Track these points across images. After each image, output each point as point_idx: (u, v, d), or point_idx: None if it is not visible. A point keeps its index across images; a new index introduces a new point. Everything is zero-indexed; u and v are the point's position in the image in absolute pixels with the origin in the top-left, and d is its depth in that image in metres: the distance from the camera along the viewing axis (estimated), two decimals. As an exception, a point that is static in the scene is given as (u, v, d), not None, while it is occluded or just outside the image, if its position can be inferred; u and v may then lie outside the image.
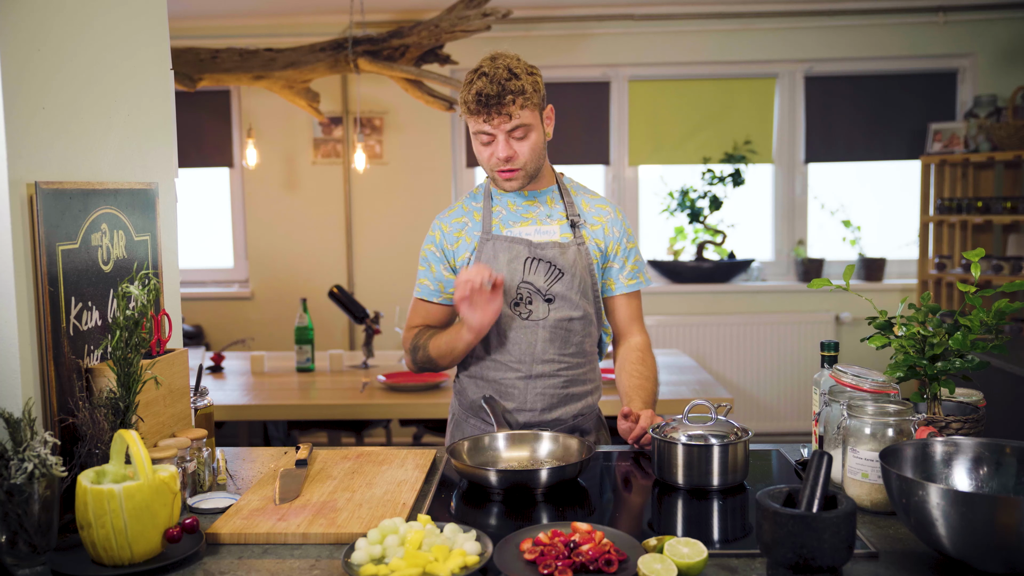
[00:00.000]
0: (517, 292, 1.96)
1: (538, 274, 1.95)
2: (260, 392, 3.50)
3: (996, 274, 4.56)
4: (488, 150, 1.92)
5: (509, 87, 1.84)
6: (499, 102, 1.84)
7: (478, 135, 1.91)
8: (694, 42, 5.09)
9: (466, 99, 1.88)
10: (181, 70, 4.22)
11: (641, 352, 2.06)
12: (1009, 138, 4.57)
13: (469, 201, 2.07)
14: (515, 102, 1.85)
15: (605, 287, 2.06)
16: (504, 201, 2.02)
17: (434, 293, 2.06)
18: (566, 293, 1.96)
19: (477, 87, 1.85)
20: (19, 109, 1.41)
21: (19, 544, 1.28)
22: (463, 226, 2.03)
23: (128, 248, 1.69)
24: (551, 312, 1.96)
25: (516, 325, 1.96)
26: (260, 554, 1.35)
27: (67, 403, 1.47)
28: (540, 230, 1.99)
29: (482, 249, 1.97)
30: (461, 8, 3.96)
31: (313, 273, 5.24)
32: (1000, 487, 1.35)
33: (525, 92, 1.86)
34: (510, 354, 1.97)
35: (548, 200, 2.02)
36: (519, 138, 1.90)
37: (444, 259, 2.03)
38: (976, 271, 1.62)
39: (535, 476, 1.59)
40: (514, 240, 1.96)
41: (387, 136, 5.19)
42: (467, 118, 1.92)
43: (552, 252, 1.95)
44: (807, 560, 1.16)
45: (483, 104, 1.85)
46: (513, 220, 2.00)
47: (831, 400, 1.62)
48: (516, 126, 1.88)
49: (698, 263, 5.17)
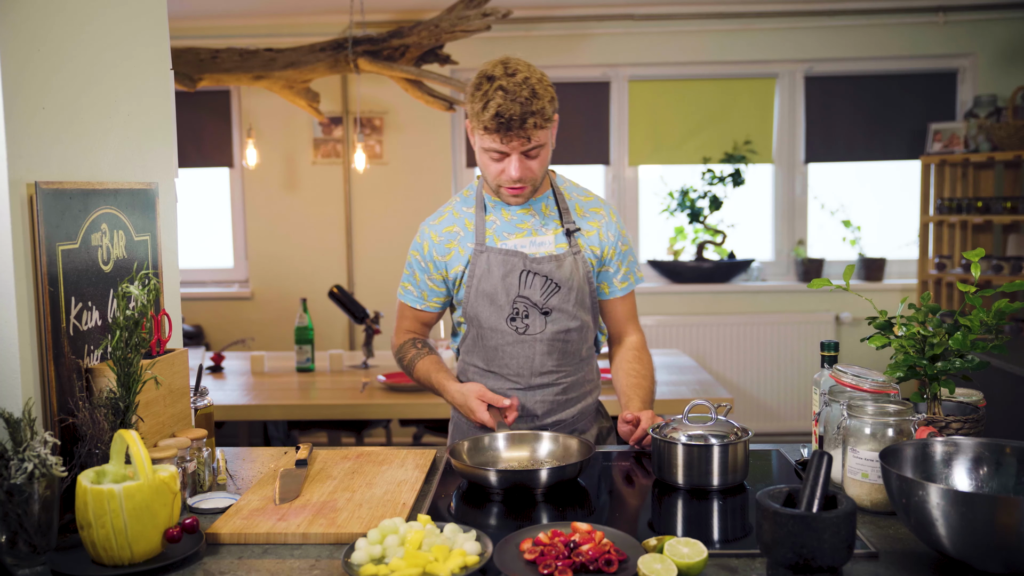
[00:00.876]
0: (513, 307, 1.92)
1: (534, 288, 1.91)
2: (260, 392, 3.50)
3: (996, 274, 4.56)
4: (498, 167, 1.85)
5: (531, 109, 1.75)
6: (520, 125, 1.76)
7: (488, 151, 1.83)
8: (694, 42, 5.09)
9: (480, 116, 1.77)
10: (181, 70, 4.22)
11: (637, 351, 2.05)
12: (1009, 138, 4.57)
13: (460, 206, 2.01)
14: (536, 125, 1.77)
15: (600, 291, 2.03)
16: (498, 210, 1.97)
17: (417, 300, 2.04)
18: (563, 306, 1.93)
19: (496, 106, 1.74)
20: (19, 109, 1.41)
21: (19, 544, 1.28)
22: (455, 236, 1.97)
23: (128, 248, 1.69)
24: (548, 325, 1.93)
25: (512, 340, 1.94)
26: (260, 554, 1.35)
27: (67, 403, 1.47)
28: (535, 241, 1.94)
29: (476, 262, 1.93)
30: (461, 8, 3.96)
31: (313, 273, 5.24)
32: (1000, 487, 1.35)
33: (546, 114, 1.78)
34: (508, 368, 1.95)
35: (543, 208, 1.97)
36: (533, 157, 1.84)
37: (427, 270, 1.99)
38: (976, 271, 1.62)
39: (535, 476, 1.59)
40: (509, 253, 1.92)
41: (387, 136, 5.19)
42: (478, 134, 1.82)
43: (548, 266, 1.91)
44: (807, 560, 1.16)
45: (503, 126, 1.76)
46: (508, 231, 1.95)
47: (831, 400, 1.62)
48: (532, 147, 1.81)
49: (698, 263, 5.17)
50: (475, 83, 1.81)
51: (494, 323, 1.93)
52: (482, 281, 1.93)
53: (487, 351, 1.97)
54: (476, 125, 1.81)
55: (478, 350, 1.99)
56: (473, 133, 1.86)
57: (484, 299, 1.93)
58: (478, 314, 1.94)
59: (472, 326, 1.98)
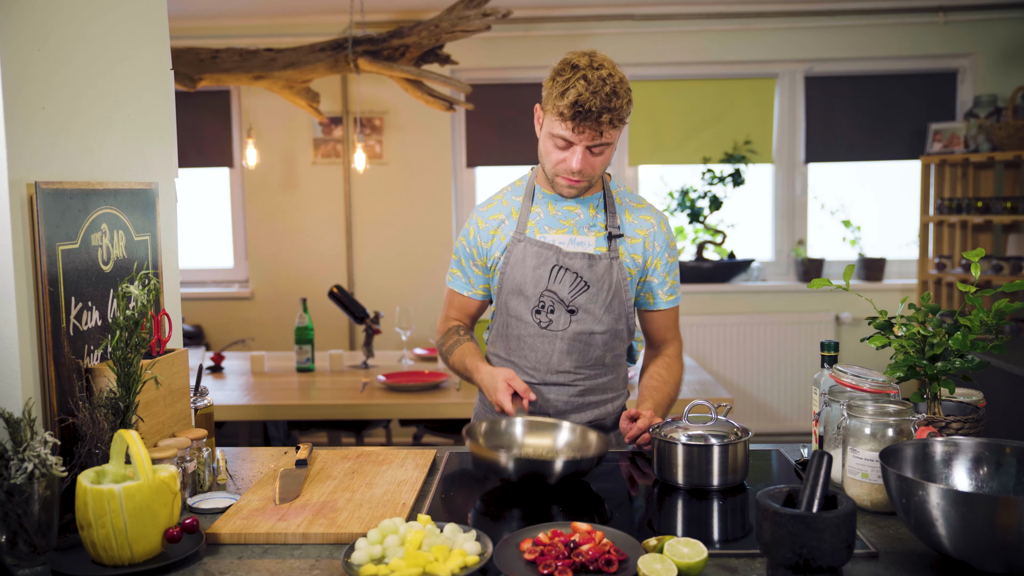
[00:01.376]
0: (540, 300, 1.92)
1: (563, 284, 1.91)
2: (260, 392, 3.50)
3: (996, 274, 4.56)
4: (560, 155, 1.83)
5: (610, 105, 1.74)
6: (597, 119, 1.75)
7: (555, 137, 1.82)
8: (694, 42, 5.09)
9: (557, 102, 1.77)
10: (181, 70, 4.22)
11: (669, 358, 2.04)
12: (1009, 138, 4.57)
13: (510, 195, 2.02)
14: (611, 122, 1.77)
15: (644, 300, 2.01)
16: (545, 203, 1.96)
17: (464, 286, 2.05)
18: (589, 306, 1.91)
19: (577, 94, 1.74)
20: (19, 109, 1.41)
21: (19, 544, 1.28)
22: (500, 224, 1.98)
23: (128, 248, 1.69)
24: (572, 324, 1.92)
25: (534, 332, 1.93)
26: (260, 554, 1.35)
27: (67, 403, 1.47)
28: (575, 239, 1.93)
29: (512, 250, 1.94)
30: (461, 8, 3.96)
31: (313, 273, 5.24)
32: (1000, 487, 1.35)
33: (622, 114, 1.78)
34: (526, 360, 1.95)
35: (591, 208, 1.96)
36: (597, 154, 1.83)
37: (472, 256, 2.01)
38: (976, 271, 1.62)
39: (549, 466, 1.56)
40: (544, 246, 1.91)
41: (387, 136, 5.19)
42: (551, 117, 1.81)
43: (580, 263, 1.90)
44: (807, 560, 1.16)
45: (579, 116, 1.75)
46: (549, 225, 1.94)
47: (831, 400, 1.62)
48: (601, 144, 1.81)
49: (698, 263, 5.17)
50: (557, 68, 1.81)
51: (520, 313, 1.94)
52: (515, 269, 1.93)
53: (510, 340, 1.97)
54: (550, 109, 1.80)
55: (502, 339, 1.99)
56: (543, 117, 1.86)
57: (513, 288, 1.94)
58: (507, 302, 1.96)
59: (500, 314, 1.99)
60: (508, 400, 1.81)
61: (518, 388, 1.82)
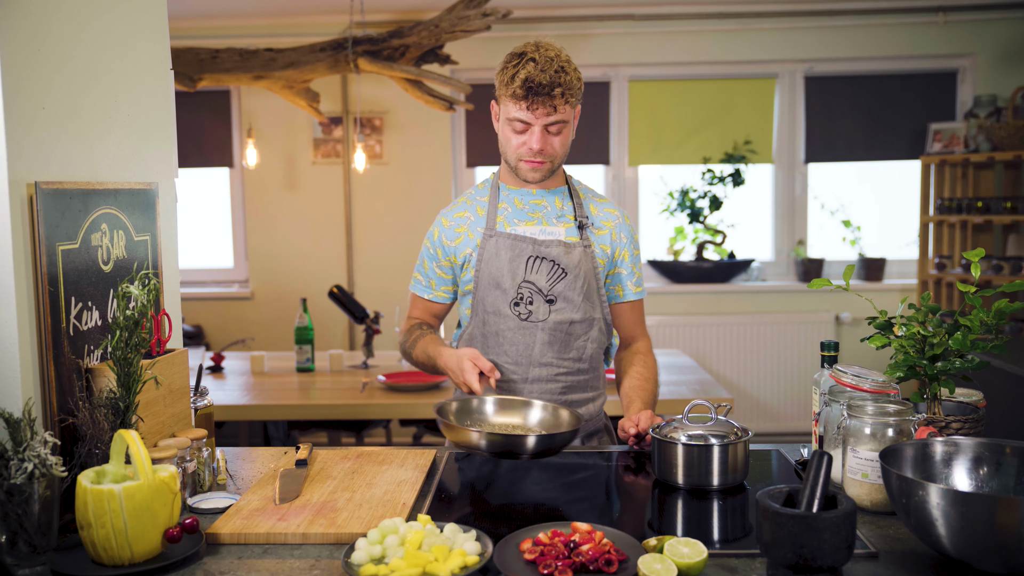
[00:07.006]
0: (518, 292, 1.94)
1: (540, 273, 1.93)
2: (260, 392, 3.50)
3: (996, 274, 4.56)
4: (520, 138, 1.89)
5: (559, 79, 1.82)
6: (548, 93, 1.81)
7: (513, 122, 1.88)
8: (694, 42, 5.09)
9: (509, 85, 1.84)
10: (181, 70, 4.22)
11: (643, 355, 2.07)
12: (1009, 138, 4.57)
13: (474, 196, 2.05)
14: (562, 96, 1.83)
15: (614, 293, 2.05)
16: (511, 198, 2.00)
17: (425, 289, 2.07)
18: (568, 294, 1.94)
19: (527, 72, 1.81)
20: (19, 109, 1.41)
21: (19, 544, 1.28)
22: (465, 220, 2.01)
23: (128, 248, 1.69)
24: (551, 313, 1.94)
25: (514, 326, 1.95)
26: (260, 554, 1.35)
27: (67, 403, 1.47)
28: (545, 230, 1.97)
29: (484, 246, 1.96)
30: (461, 8, 3.96)
31: (313, 273, 5.24)
32: (1000, 487, 1.35)
33: (572, 88, 1.84)
34: (507, 355, 1.96)
35: (557, 200, 2.00)
36: (555, 133, 1.88)
37: (436, 257, 2.03)
38: (976, 271, 1.62)
39: (521, 442, 1.54)
40: (517, 238, 1.94)
41: (387, 136, 5.19)
42: (506, 103, 1.88)
43: (556, 251, 1.93)
44: (807, 560, 1.16)
45: (531, 92, 1.81)
46: (518, 218, 1.98)
47: (831, 400, 1.62)
48: (556, 120, 1.86)
49: (698, 263, 5.17)
50: (505, 60, 1.87)
51: (498, 307, 1.95)
52: (489, 264, 1.95)
53: (488, 338, 1.97)
54: (504, 94, 1.86)
55: (480, 338, 1.99)
56: (499, 110, 1.91)
57: (490, 283, 1.95)
58: (484, 298, 1.96)
59: (477, 312, 1.99)
60: (475, 379, 1.81)
61: (483, 367, 1.82)
